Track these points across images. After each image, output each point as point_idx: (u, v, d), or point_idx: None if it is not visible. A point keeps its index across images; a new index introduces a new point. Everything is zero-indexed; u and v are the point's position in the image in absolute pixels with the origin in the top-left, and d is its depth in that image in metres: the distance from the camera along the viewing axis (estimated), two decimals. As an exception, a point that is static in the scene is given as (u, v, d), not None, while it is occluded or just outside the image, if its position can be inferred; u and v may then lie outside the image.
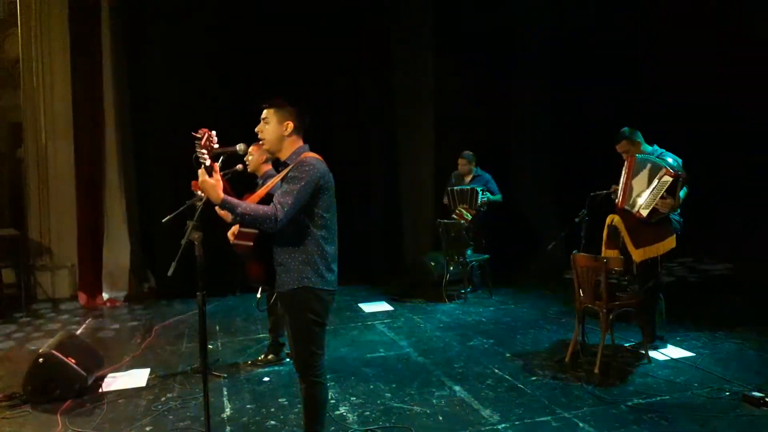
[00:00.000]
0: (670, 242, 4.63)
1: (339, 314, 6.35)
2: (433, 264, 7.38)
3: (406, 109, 8.60)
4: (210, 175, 2.75)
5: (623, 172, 4.76)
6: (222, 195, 2.73)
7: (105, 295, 7.25)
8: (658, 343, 4.89)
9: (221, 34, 7.49)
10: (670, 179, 4.46)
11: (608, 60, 7.38)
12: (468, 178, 7.34)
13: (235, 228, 3.53)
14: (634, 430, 3.52)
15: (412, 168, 8.68)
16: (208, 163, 2.72)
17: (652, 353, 4.73)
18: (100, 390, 4.38)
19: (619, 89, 7.30)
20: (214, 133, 2.77)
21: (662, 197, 4.48)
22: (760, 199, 6.23)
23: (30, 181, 7.53)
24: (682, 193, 4.60)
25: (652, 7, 6.98)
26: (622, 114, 5.70)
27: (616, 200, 4.81)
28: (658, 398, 3.97)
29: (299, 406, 3.77)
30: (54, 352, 4.20)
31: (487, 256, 7.12)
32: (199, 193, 3.75)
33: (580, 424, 3.62)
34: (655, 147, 4.82)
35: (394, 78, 8.51)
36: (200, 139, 2.71)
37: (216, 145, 2.78)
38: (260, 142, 3.03)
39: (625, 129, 4.83)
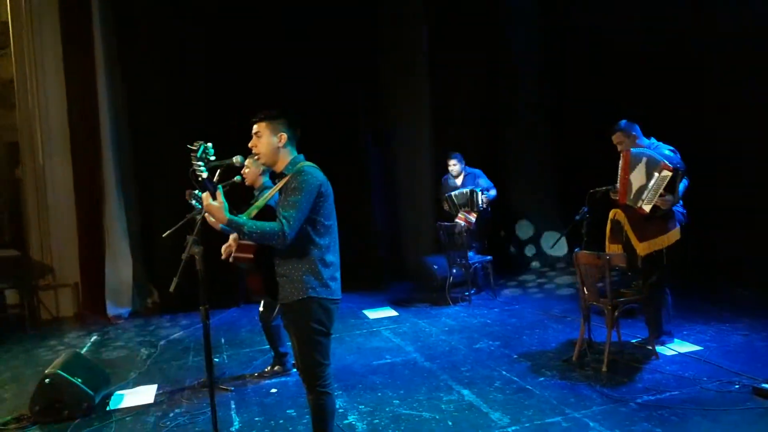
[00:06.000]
0: (675, 234, 4.62)
1: (343, 321, 6.33)
2: (435, 267, 7.36)
3: (402, 113, 8.59)
4: (214, 198, 2.73)
5: (620, 167, 4.75)
6: (227, 217, 2.73)
7: (109, 312, 7.22)
8: (665, 338, 4.87)
9: (218, 44, 7.49)
10: (669, 174, 4.44)
11: (606, 52, 7.36)
12: (459, 178, 7.33)
13: (231, 244, 3.52)
14: (644, 428, 3.50)
15: (411, 172, 8.67)
16: (204, 175, 2.71)
17: (660, 348, 4.72)
18: (108, 408, 4.37)
19: (619, 82, 7.28)
20: (210, 144, 2.75)
21: (662, 194, 4.46)
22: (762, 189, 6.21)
23: (29, 201, 7.52)
24: (682, 186, 4.59)
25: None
26: (621, 108, 5.68)
27: (616, 197, 4.80)
28: (668, 394, 3.95)
29: (308, 416, 3.75)
30: (60, 372, 4.18)
31: (489, 257, 7.11)
32: (193, 202, 3.76)
33: (591, 424, 3.60)
34: (653, 140, 4.81)
35: (390, 83, 8.50)
36: (196, 151, 2.69)
37: (212, 158, 2.76)
38: (255, 157, 3.03)
39: (622, 121, 4.83)
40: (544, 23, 8.25)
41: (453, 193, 7.18)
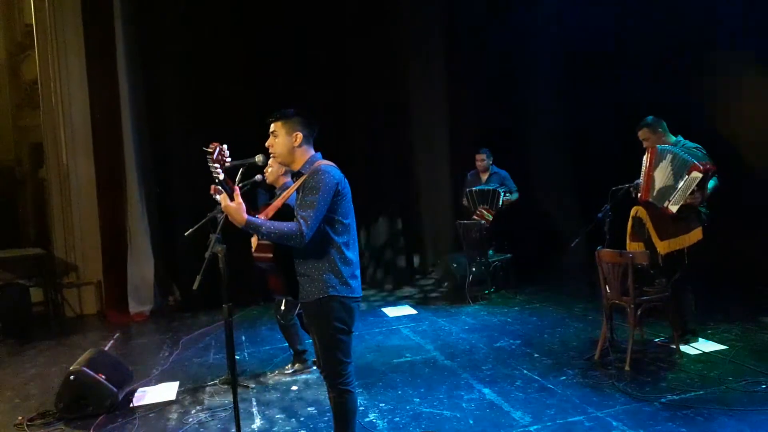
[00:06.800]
0: (696, 234, 4.57)
1: (363, 319, 6.33)
2: (454, 266, 7.33)
3: (420, 110, 8.56)
4: (232, 198, 2.75)
5: (644, 163, 4.70)
6: (245, 218, 2.75)
7: (131, 310, 7.31)
8: (689, 336, 4.81)
9: (239, 43, 7.57)
10: (700, 176, 4.37)
11: (628, 49, 7.27)
12: (485, 176, 7.29)
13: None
14: (669, 428, 3.46)
15: (429, 169, 8.64)
16: (221, 177, 2.72)
17: (684, 347, 4.66)
18: (131, 405, 4.42)
19: (642, 79, 7.18)
20: (225, 146, 2.76)
21: (691, 193, 4.41)
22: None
23: (53, 200, 7.63)
24: (710, 185, 4.52)
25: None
26: (645, 106, 5.61)
27: (639, 194, 4.74)
28: (693, 393, 3.90)
29: (329, 414, 3.76)
30: (84, 369, 4.24)
31: (509, 255, 7.06)
32: (218, 197, 3.78)
33: (614, 423, 3.56)
34: (680, 137, 4.74)
35: (407, 79, 8.49)
36: (211, 153, 2.70)
37: (228, 159, 2.76)
38: (272, 156, 3.04)
39: (649, 117, 4.77)
40: (562, 18, 8.16)
41: (474, 189, 7.13)
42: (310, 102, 6.80)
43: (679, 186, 4.43)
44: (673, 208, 4.47)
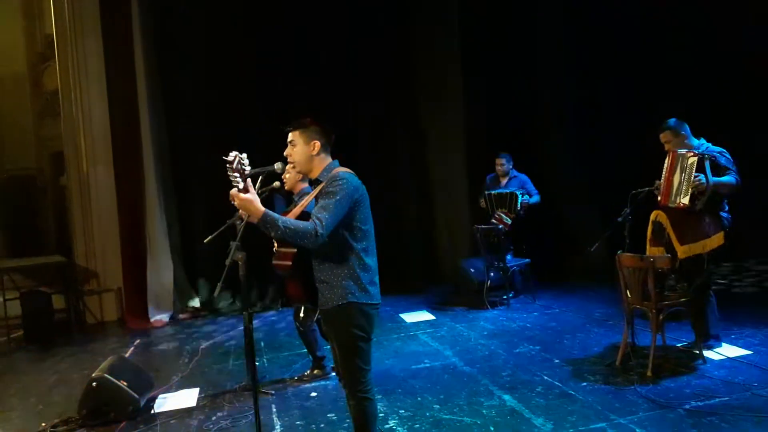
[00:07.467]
0: (718, 239, 4.50)
1: (381, 325, 6.32)
2: (472, 270, 7.30)
3: (435, 115, 8.55)
4: (245, 193, 2.73)
5: (665, 167, 4.65)
6: (262, 208, 2.73)
7: (151, 317, 7.36)
8: (713, 342, 4.73)
9: (256, 51, 7.64)
10: (695, 159, 4.40)
11: (644, 51, 7.21)
12: (505, 180, 7.26)
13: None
14: (694, 435, 3.41)
15: (445, 173, 8.61)
16: (241, 185, 2.73)
17: (707, 353, 4.59)
18: (152, 411, 4.44)
19: (661, 81, 7.12)
20: (245, 155, 2.77)
21: (695, 177, 4.38)
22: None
23: (74, 208, 7.73)
24: (725, 179, 4.44)
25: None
26: (663, 107, 5.56)
27: (658, 197, 4.70)
28: (717, 400, 3.84)
29: (348, 421, 3.75)
30: (106, 375, 4.28)
31: (528, 260, 7.01)
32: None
33: (637, 430, 3.52)
34: (702, 140, 4.68)
35: (421, 86, 8.49)
36: (231, 162, 2.71)
37: (247, 167, 2.77)
38: (290, 165, 3.05)
39: (671, 119, 4.72)
40: (576, 21, 8.12)
41: (492, 192, 7.10)
42: (326, 106, 6.84)
43: (683, 178, 4.42)
44: (684, 200, 4.44)
